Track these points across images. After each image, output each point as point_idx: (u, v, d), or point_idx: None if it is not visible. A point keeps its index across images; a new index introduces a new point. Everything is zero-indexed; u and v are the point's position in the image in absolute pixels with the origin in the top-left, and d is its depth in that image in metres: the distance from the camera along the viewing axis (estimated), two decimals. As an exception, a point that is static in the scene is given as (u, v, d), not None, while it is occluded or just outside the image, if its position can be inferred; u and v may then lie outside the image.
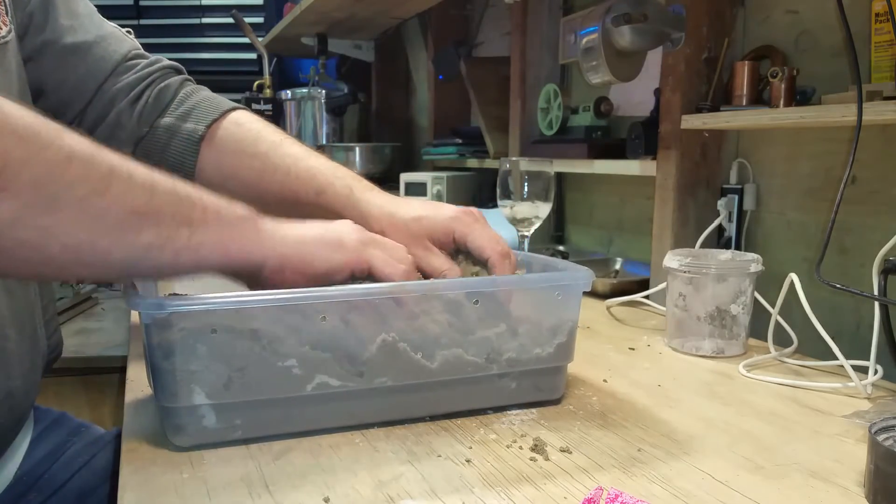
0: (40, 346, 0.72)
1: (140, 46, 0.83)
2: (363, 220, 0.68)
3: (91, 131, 0.76)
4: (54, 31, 0.75)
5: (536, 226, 1.04)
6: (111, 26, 0.82)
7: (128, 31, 0.85)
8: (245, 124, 0.77)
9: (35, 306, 0.71)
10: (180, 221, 0.51)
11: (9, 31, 0.69)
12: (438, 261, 0.66)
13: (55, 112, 0.72)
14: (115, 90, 0.76)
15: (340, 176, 0.74)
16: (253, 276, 0.57)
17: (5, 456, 0.73)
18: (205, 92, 0.81)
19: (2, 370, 0.64)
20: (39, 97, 0.74)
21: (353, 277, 0.59)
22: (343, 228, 0.60)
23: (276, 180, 0.73)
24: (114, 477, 0.77)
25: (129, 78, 0.78)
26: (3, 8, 0.68)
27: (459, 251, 0.69)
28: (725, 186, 1.06)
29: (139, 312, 0.52)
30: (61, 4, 0.77)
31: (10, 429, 0.70)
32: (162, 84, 0.79)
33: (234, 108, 0.78)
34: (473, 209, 0.69)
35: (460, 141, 1.83)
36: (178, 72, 0.82)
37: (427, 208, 0.69)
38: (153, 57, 0.82)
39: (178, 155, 0.76)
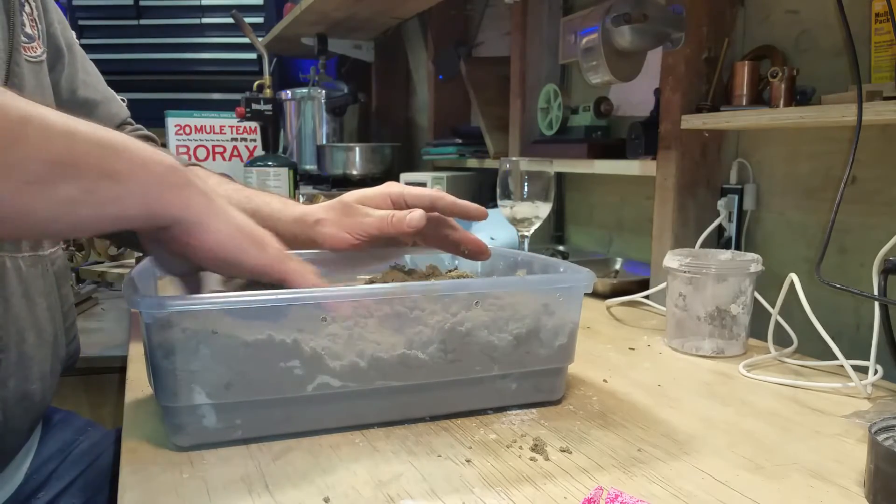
0: (60, 352, 0.74)
1: (129, 113, 0.93)
2: (299, 219, 0.73)
3: None
4: (74, 80, 0.82)
5: (536, 226, 1.04)
6: (111, 91, 0.91)
7: (123, 100, 0.93)
8: (198, 173, 0.84)
9: (56, 312, 0.73)
10: (103, 172, 0.48)
11: (43, 53, 0.74)
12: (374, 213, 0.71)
13: None
14: None
15: (275, 198, 0.79)
16: (155, 233, 0.53)
17: (18, 456, 0.73)
18: (169, 151, 0.91)
19: (20, 373, 0.65)
20: None
21: (256, 283, 0.58)
22: (268, 233, 0.58)
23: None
24: (116, 476, 0.77)
25: None
26: (37, 33, 0.73)
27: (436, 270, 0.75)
28: (725, 186, 1.06)
29: (139, 312, 0.52)
30: (79, 57, 0.84)
31: (26, 430, 0.71)
32: None
33: (192, 164, 0.87)
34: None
35: (460, 141, 1.84)
36: (154, 140, 0.91)
37: (357, 193, 0.74)
38: (136, 126, 0.93)
39: None
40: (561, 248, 1.52)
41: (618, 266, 1.31)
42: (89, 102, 0.84)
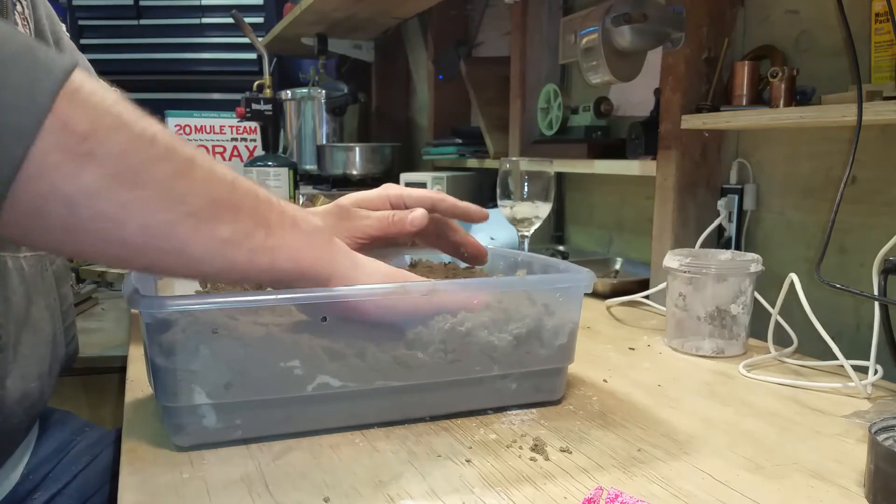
0: (59, 352, 0.74)
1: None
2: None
3: None
4: None
5: (536, 226, 1.04)
6: (105, 84, 0.90)
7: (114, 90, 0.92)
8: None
9: (55, 312, 0.73)
10: (258, 221, 0.50)
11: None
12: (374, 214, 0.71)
13: None
14: None
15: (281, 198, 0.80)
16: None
17: (15, 455, 0.73)
18: None
19: (18, 372, 0.65)
20: None
21: None
22: (409, 274, 0.61)
23: None
24: (115, 476, 0.77)
25: None
26: (28, 31, 0.73)
27: (444, 265, 0.76)
28: (725, 186, 1.06)
29: (140, 312, 0.52)
30: (68, 52, 0.82)
31: (23, 429, 0.71)
32: None
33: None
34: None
35: (460, 141, 1.84)
36: None
37: (354, 195, 0.74)
38: None
39: None
40: (561, 248, 1.52)
41: (618, 266, 1.31)
42: None
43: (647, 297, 1.05)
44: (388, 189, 0.73)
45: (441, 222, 0.74)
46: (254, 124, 2.24)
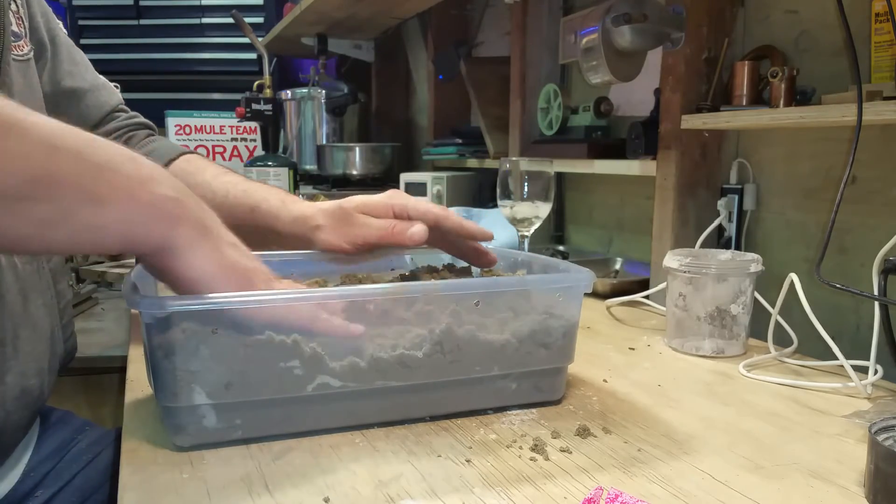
0: (57, 348, 0.74)
1: (121, 98, 0.91)
2: (298, 220, 0.72)
3: None
4: (57, 72, 0.81)
5: (536, 226, 1.04)
6: (103, 78, 0.89)
7: (116, 86, 0.91)
8: (193, 161, 0.84)
9: (52, 308, 0.73)
10: (83, 195, 0.45)
11: (30, 51, 0.74)
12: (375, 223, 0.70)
13: None
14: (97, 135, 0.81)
15: (274, 193, 0.77)
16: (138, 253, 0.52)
17: (16, 453, 0.74)
18: (165, 140, 0.90)
19: (17, 368, 0.65)
20: None
21: None
22: (259, 269, 0.55)
23: (216, 205, 0.75)
24: (115, 476, 0.77)
25: (110, 126, 0.86)
26: (23, 31, 0.73)
27: (445, 266, 0.75)
28: (725, 186, 1.06)
29: (140, 312, 0.52)
30: (64, 48, 0.82)
31: (23, 426, 0.71)
32: (131, 133, 0.87)
33: (188, 152, 0.85)
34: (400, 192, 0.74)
35: (460, 141, 1.84)
36: (149, 127, 0.91)
37: (359, 198, 0.72)
38: (132, 112, 0.91)
39: None
40: (561, 248, 1.52)
41: (618, 266, 1.31)
42: (76, 92, 0.83)
43: (647, 297, 1.05)
44: (392, 198, 0.71)
45: (447, 228, 0.72)
46: (254, 124, 2.24)
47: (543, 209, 1.03)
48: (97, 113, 0.86)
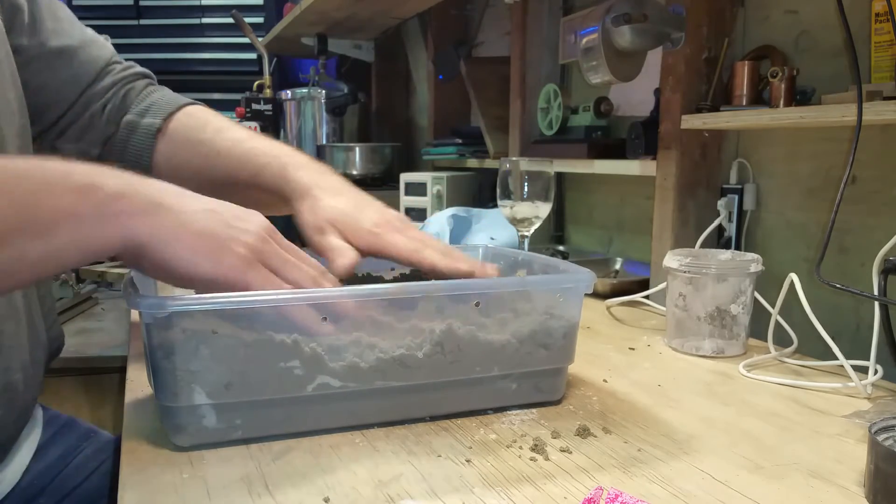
0: (40, 339, 0.71)
1: (115, 51, 0.84)
2: (294, 196, 0.67)
3: (62, 132, 0.77)
4: (40, 32, 0.74)
5: (536, 226, 1.04)
6: (91, 31, 0.82)
7: (106, 38, 0.85)
8: (195, 115, 0.79)
9: (31, 298, 0.70)
10: (28, 231, 0.45)
11: None
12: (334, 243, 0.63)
13: (35, 114, 0.73)
14: (91, 93, 0.78)
15: (276, 155, 0.71)
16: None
17: (10, 456, 0.72)
18: (165, 90, 0.83)
19: (0, 363, 0.63)
20: None
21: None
22: (240, 235, 0.52)
23: (220, 164, 0.73)
24: (116, 478, 0.77)
25: (105, 82, 0.79)
26: None
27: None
28: (725, 186, 1.06)
29: (139, 312, 0.52)
30: (44, 4, 0.75)
31: (13, 423, 0.69)
32: (129, 86, 0.81)
33: (190, 104, 0.80)
34: (401, 217, 0.67)
35: (460, 141, 1.84)
36: (147, 77, 0.85)
37: (350, 207, 0.66)
38: (126, 63, 0.84)
39: (136, 151, 0.77)
40: (561, 248, 1.52)
41: (618, 266, 1.31)
42: (66, 51, 0.76)
43: (647, 297, 1.05)
44: (372, 237, 0.64)
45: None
46: (254, 124, 2.24)
47: (543, 209, 1.03)
48: (91, 69, 0.79)
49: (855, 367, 0.72)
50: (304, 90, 2.33)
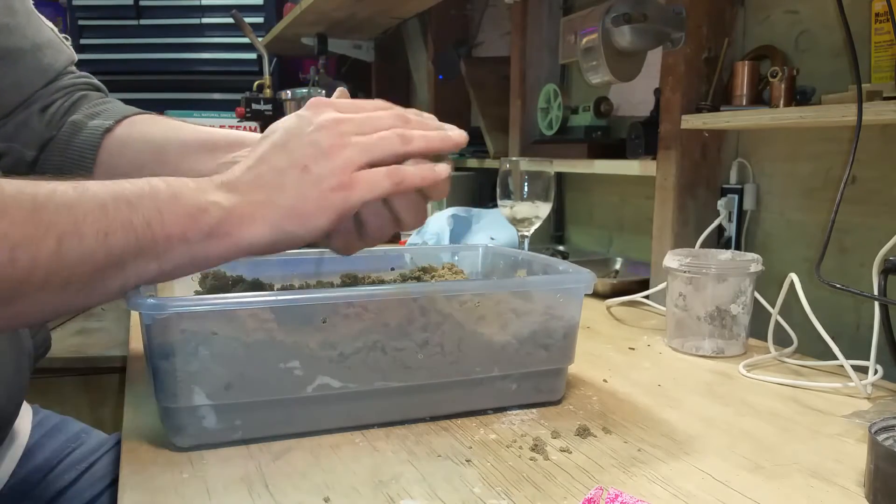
0: (25, 345, 0.70)
1: (74, 55, 0.78)
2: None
3: None
4: None
5: (536, 226, 1.04)
6: (49, 30, 0.75)
7: (65, 38, 0.78)
8: (152, 117, 0.76)
9: None
10: (143, 255, 0.48)
11: None
12: None
13: None
14: (36, 96, 0.73)
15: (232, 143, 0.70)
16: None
17: (6, 460, 0.72)
18: (119, 103, 0.78)
19: None
20: None
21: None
22: (318, 166, 0.50)
23: (196, 149, 0.70)
24: (114, 482, 0.76)
25: (57, 84, 0.74)
26: None
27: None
28: (725, 186, 1.06)
29: (140, 313, 0.52)
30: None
31: None
32: (83, 93, 0.76)
33: (147, 113, 0.76)
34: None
35: (460, 141, 1.83)
36: (100, 90, 0.80)
37: None
38: (80, 73, 0.78)
39: (80, 150, 0.72)
40: (561, 248, 1.52)
41: (618, 266, 1.31)
42: (12, 53, 0.69)
43: (647, 297, 1.05)
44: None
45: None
46: (254, 124, 2.24)
47: (543, 209, 1.03)
48: (37, 79, 0.72)
49: (855, 367, 0.72)
50: (304, 90, 2.32)
